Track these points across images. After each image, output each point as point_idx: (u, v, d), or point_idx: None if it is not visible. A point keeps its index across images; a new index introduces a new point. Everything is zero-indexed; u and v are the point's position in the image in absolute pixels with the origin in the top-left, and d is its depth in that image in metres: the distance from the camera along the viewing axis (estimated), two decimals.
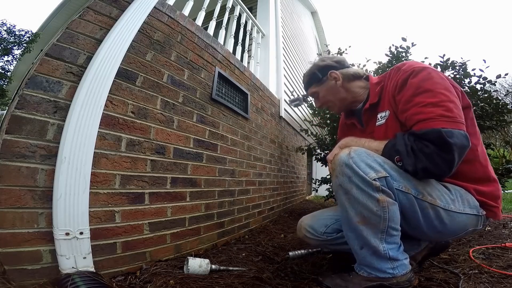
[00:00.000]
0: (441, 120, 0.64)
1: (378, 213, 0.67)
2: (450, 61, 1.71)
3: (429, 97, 0.68)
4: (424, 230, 0.73)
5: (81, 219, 0.76)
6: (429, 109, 0.66)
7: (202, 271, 0.92)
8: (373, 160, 0.69)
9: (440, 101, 0.66)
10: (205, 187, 1.29)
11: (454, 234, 0.75)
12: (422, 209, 0.70)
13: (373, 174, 0.66)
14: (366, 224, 0.69)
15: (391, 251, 0.70)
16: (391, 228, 0.69)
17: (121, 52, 0.93)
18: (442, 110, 0.65)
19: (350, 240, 0.75)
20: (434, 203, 0.69)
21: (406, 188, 0.68)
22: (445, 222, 0.71)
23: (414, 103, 0.70)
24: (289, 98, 2.95)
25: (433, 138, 0.62)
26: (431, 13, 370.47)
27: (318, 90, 0.99)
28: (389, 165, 0.69)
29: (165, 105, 1.12)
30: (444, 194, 0.71)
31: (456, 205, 0.70)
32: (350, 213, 0.71)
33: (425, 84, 0.70)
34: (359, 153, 0.69)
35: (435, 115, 0.65)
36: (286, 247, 1.32)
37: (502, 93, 8.86)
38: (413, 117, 0.69)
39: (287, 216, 2.34)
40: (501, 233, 1.42)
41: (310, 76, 1.00)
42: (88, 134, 0.80)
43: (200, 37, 1.39)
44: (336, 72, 0.93)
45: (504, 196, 2.55)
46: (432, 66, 0.78)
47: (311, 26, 6.77)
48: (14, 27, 7.72)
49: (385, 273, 0.71)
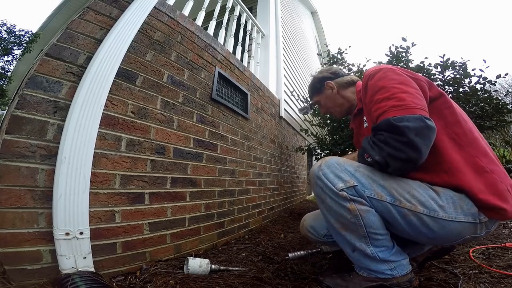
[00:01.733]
0: (392, 111, 0.66)
1: (353, 220, 0.69)
2: (450, 61, 1.71)
3: (383, 93, 0.70)
4: (413, 236, 0.71)
5: (81, 219, 0.76)
6: (383, 103, 0.69)
7: (202, 271, 0.92)
8: (343, 170, 0.71)
9: (392, 94, 0.69)
10: (205, 187, 1.29)
11: (448, 241, 0.70)
12: (402, 216, 0.67)
13: (340, 184, 0.69)
14: (346, 230, 0.72)
15: (381, 253, 0.70)
16: (372, 233, 0.69)
17: (121, 52, 0.93)
18: (393, 101, 0.67)
19: (341, 244, 0.77)
20: (415, 209, 0.66)
21: (379, 195, 0.68)
22: (433, 229, 0.66)
23: (373, 102, 0.73)
24: (290, 97, 2.95)
25: (384, 126, 0.65)
26: (431, 13, 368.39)
27: (319, 99, 1.11)
28: (361, 173, 0.70)
29: (165, 105, 1.12)
30: (430, 200, 0.66)
31: (446, 212, 0.65)
32: (330, 220, 0.75)
33: (380, 82, 0.73)
34: (329, 164, 0.72)
35: (388, 107, 0.67)
36: (286, 247, 1.32)
37: (502, 93, 8.85)
38: (374, 114, 0.72)
39: (287, 216, 2.34)
40: (501, 233, 1.42)
41: (312, 88, 1.13)
42: (88, 134, 0.80)
43: (200, 37, 1.39)
44: (331, 82, 1.05)
45: None
46: (391, 66, 0.78)
47: (311, 26, 6.77)
48: (14, 27, 7.73)
49: (384, 274, 0.71)
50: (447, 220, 0.65)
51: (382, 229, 0.71)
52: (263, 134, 2.08)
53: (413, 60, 1.90)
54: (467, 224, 0.66)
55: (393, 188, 0.68)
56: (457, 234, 0.67)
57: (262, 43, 2.71)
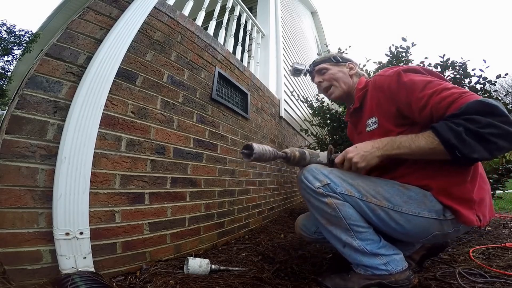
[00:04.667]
0: (465, 96, 0.61)
1: (333, 213, 0.76)
2: (450, 61, 1.70)
3: (435, 86, 0.67)
4: (388, 231, 0.76)
5: (81, 219, 0.76)
6: (449, 92, 0.64)
7: (202, 271, 0.92)
8: (319, 173, 0.78)
9: (446, 85, 0.67)
10: (205, 187, 1.29)
11: (419, 236, 0.75)
12: (371, 210, 0.74)
13: (317, 183, 0.77)
14: (331, 224, 0.78)
15: (368, 246, 0.74)
16: (353, 225, 0.75)
17: (121, 52, 0.93)
18: (456, 89, 0.65)
19: (332, 241, 0.81)
20: (380, 204, 0.73)
21: (348, 192, 0.75)
22: (401, 223, 0.72)
23: (428, 96, 0.67)
24: (290, 97, 2.95)
25: (479, 107, 0.58)
26: (431, 13, 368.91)
27: (330, 67, 1.02)
28: (334, 175, 0.77)
29: (165, 105, 1.12)
30: (395, 195, 0.73)
31: (409, 207, 0.70)
32: (317, 217, 0.81)
33: (418, 78, 0.72)
34: (309, 169, 0.80)
35: (459, 94, 0.62)
36: (286, 247, 1.32)
37: (502, 93, 8.85)
38: (440, 105, 0.64)
39: (287, 216, 2.33)
40: (501, 233, 1.42)
41: (327, 57, 1.05)
42: (88, 134, 0.80)
43: (200, 37, 1.39)
44: (353, 64, 1.02)
45: (504, 196, 2.54)
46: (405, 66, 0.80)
47: (311, 26, 6.77)
48: (14, 27, 7.74)
49: (379, 269, 0.73)
50: (411, 215, 0.71)
51: (362, 222, 0.76)
52: (263, 134, 2.08)
53: (413, 60, 1.90)
54: (432, 220, 0.70)
55: (360, 186, 0.76)
56: (424, 230, 0.72)
57: (262, 43, 2.71)
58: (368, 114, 0.87)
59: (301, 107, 3.43)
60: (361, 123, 0.92)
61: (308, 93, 4.14)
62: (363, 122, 0.90)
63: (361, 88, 0.92)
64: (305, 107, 3.37)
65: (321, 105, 2.46)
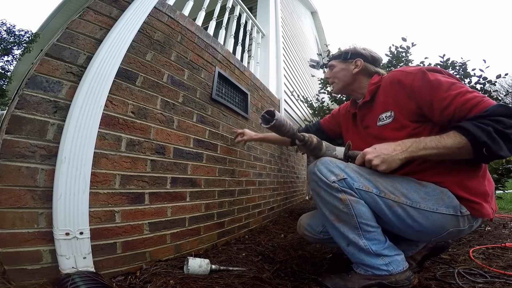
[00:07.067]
0: (487, 100, 0.65)
1: (345, 210, 0.73)
2: (450, 61, 1.71)
3: (459, 88, 0.69)
4: (402, 229, 0.75)
5: (81, 219, 0.76)
6: (471, 94, 0.67)
7: (202, 271, 0.92)
8: (334, 166, 0.75)
9: (468, 88, 0.69)
10: (205, 187, 1.29)
11: (434, 234, 0.74)
12: (388, 207, 0.72)
13: (332, 177, 0.74)
14: (340, 221, 0.76)
15: (374, 246, 0.73)
16: (363, 224, 0.73)
17: (121, 52, 0.93)
18: (477, 93, 0.68)
19: (336, 238, 0.79)
20: (398, 200, 0.72)
21: (366, 187, 0.73)
22: (418, 220, 0.71)
23: (452, 96, 0.69)
24: (290, 97, 2.95)
25: (504, 112, 0.62)
26: (431, 13, 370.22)
27: (337, 64, 1.04)
28: (350, 169, 0.75)
29: (165, 105, 1.12)
30: (412, 192, 0.72)
31: (427, 203, 0.71)
32: (325, 212, 0.78)
33: (443, 78, 0.73)
34: (323, 161, 0.77)
35: (481, 98, 0.66)
36: (286, 247, 1.32)
37: (502, 93, 8.86)
38: (464, 106, 0.67)
39: (287, 216, 2.33)
40: (501, 233, 1.42)
41: (342, 52, 1.04)
42: (88, 134, 0.80)
43: (200, 37, 1.39)
44: (361, 61, 0.97)
45: (504, 196, 2.55)
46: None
47: (311, 26, 6.77)
48: (14, 27, 7.74)
49: (380, 270, 0.72)
50: (429, 211, 0.70)
51: (373, 221, 0.74)
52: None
53: (413, 60, 1.90)
54: (449, 216, 0.70)
55: (378, 182, 0.74)
56: (441, 226, 0.72)
57: (262, 43, 2.71)
58: (382, 108, 0.85)
59: (301, 107, 3.43)
60: (370, 117, 0.90)
61: (308, 93, 4.14)
62: (373, 116, 0.89)
63: (374, 83, 0.91)
64: (305, 107, 3.38)
65: (321, 105, 2.46)
